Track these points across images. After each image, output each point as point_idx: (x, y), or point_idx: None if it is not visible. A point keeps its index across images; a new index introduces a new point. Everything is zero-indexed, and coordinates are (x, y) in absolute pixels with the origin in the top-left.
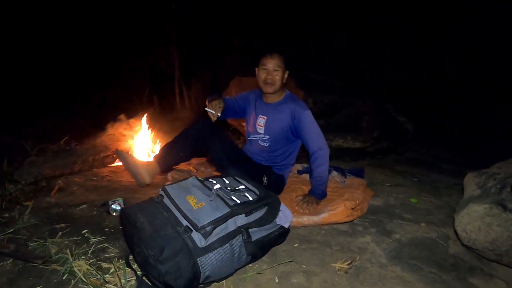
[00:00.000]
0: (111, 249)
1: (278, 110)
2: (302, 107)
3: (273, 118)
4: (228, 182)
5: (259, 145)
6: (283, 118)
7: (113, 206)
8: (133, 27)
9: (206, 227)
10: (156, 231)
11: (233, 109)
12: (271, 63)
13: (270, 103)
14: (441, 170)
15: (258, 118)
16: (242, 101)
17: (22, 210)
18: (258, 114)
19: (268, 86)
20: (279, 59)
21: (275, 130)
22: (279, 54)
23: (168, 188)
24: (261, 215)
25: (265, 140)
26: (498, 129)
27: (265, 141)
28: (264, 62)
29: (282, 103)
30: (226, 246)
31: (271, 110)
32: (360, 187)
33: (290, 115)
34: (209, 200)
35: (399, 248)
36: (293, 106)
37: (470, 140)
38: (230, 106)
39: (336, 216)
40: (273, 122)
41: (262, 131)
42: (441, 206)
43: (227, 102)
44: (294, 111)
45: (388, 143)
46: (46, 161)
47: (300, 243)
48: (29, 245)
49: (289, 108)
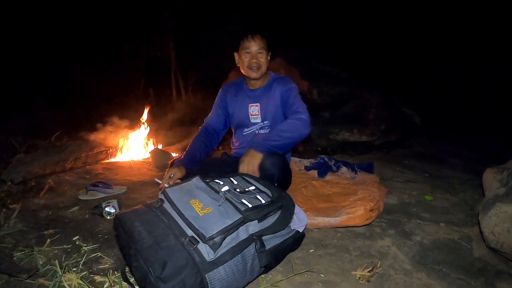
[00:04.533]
0: (105, 259)
1: (269, 91)
2: (290, 81)
3: (266, 102)
4: (236, 183)
5: (258, 135)
6: (276, 97)
7: (107, 208)
8: (127, 15)
9: (214, 237)
10: (156, 242)
11: (226, 121)
12: (254, 46)
13: (258, 88)
14: (451, 165)
15: (250, 108)
16: (223, 105)
17: (8, 213)
18: (248, 104)
19: (254, 71)
20: (262, 40)
21: (273, 112)
22: (261, 35)
23: (169, 191)
24: (274, 220)
25: (264, 126)
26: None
27: (264, 127)
28: (247, 45)
29: (271, 83)
30: (238, 258)
31: (261, 95)
32: (374, 184)
33: (280, 92)
34: (217, 205)
35: (422, 252)
36: (282, 82)
37: (473, 134)
38: (222, 121)
39: (355, 220)
40: (268, 106)
41: (259, 119)
42: (458, 204)
43: (217, 121)
44: (283, 87)
45: (396, 137)
46: (35, 159)
47: (315, 249)
48: (14, 255)
49: (278, 85)
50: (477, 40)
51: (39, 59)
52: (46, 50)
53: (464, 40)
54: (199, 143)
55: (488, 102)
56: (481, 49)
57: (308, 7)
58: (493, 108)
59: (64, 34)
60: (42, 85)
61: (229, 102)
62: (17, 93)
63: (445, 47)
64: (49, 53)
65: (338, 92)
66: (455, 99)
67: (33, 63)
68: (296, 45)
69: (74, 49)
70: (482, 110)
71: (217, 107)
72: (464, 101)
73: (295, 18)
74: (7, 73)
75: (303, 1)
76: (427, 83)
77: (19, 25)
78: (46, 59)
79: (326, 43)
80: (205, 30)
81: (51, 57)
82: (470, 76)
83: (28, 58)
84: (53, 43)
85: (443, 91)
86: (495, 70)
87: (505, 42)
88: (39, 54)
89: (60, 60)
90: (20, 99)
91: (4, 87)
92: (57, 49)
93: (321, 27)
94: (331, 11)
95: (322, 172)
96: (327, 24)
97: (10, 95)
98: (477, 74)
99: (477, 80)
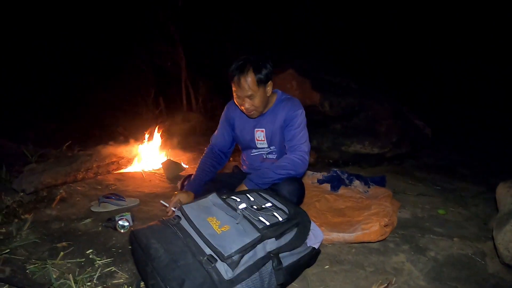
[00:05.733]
0: (120, 273)
1: (275, 117)
2: (296, 107)
3: (272, 127)
4: (253, 199)
5: (266, 159)
6: (280, 122)
7: (121, 222)
8: (137, 25)
9: (233, 256)
10: (173, 260)
11: (233, 139)
12: (240, 92)
13: (264, 114)
14: (461, 177)
15: (256, 133)
16: (230, 122)
17: (20, 224)
18: (254, 128)
19: (250, 114)
20: (251, 81)
21: (278, 139)
22: (248, 73)
23: (186, 208)
24: (291, 237)
25: (272, 152)
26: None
27: (272, 153)
28: (234, 90)
29: (277, 106)
30: (255, 276)
31: (266, 121)
32: (387, 199)
33: (284, 117)
34: (235, 223)
35: (436, 268)
36: (287, 107)
37: (482, 143)
38: (228, 141)
39: (370, 236)
40: (273, 132)
41: (265, 145)
42: (470, 218)
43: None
44: (288, 113)
45: (407, 149)
46: (47, 168)
47: (330, 265)
48: (27, 268)
49: (284, 109)
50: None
51: (49, 71)
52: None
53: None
54: (207, 166)
55: (488, 102)
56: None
57: (308, 7)
58: (493, 108)
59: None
60: (52, 94)
61: (236, 121)
62: (24, 102)
63: (445, 47)
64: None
65: (349, 104)
66: (455, 99)
67: (43, 74)
68: (296, 45)
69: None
70: (482, 110)
71: (223, 125)
72: (464, 101)
73: (295, 18)
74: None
75: (303, 1)
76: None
77: (25, 33)
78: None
79: (326, 43)
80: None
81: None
82: (470, 76)
83: (34, 67)
84: (64, 54)
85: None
86: (495, 70)
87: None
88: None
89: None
90: (26, 108)
91: (11, 96)
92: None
93: (321, 27)
94: (331, 11)
95: (335, 186)
96: (327, 24)
97: (17, 104)
98: (477, 74)
99: (477, 80)
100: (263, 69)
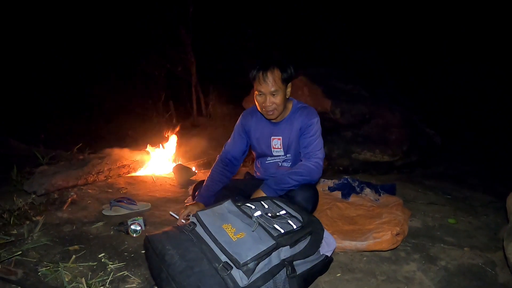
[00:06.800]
0: (132, 278)
1: (291, 125)
2: (312, 115)
3: (289, 135)
4: (267, 207)
5: (282, 167)
6: (297, 130)
7: (133, 226)
8: (149, 30)
9: (248, 263)
10: (189, 267)
11: (246, 147)
12: (265, 87)
13: (280, 121)
14: (471, 186)
15: (272, 141)
16: (245, 130)
17: (31, 226)
18: (270, 136)
19: (269, 114)
20: (276, 77)
21: (294, 146)
22: (274, 70)
23: (201, 215)
24: (305, 245)
25: (287, 159)
26: None
27: (287, 160)
28: (258, 86)
29: (293, 114)
30: (270, 283)
31: (283, 129)
32: (398, 207)
33: (299, 124)
34: (250, 231)
35: (447, 277)
36: (304, 115)
37: (492, 151)
38: (242, 149)
39: (382, 244)
40: (290, 140)
41: (282, 153)
42: (481, 227)
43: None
44: (303, 121)
45: (417, 157)
46: (58, 171)
47: (342, 273)
48: (38, 270)
49: (300, 117)
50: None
51: (60, 73)
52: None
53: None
54: (218, 175)
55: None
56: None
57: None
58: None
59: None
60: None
61: (252, 129)
62: (35, 103)
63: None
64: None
65: (360, 112)
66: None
67: (55, 76)
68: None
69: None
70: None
71: (238, 132)
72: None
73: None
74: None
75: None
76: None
77: (39, 37)
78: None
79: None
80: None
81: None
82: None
83: (47, 70)
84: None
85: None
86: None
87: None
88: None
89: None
90: (38, 110)
91: (25, 97)
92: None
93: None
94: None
95: (346, 194)
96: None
97: (28, 105)
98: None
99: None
100: (287, 68)
